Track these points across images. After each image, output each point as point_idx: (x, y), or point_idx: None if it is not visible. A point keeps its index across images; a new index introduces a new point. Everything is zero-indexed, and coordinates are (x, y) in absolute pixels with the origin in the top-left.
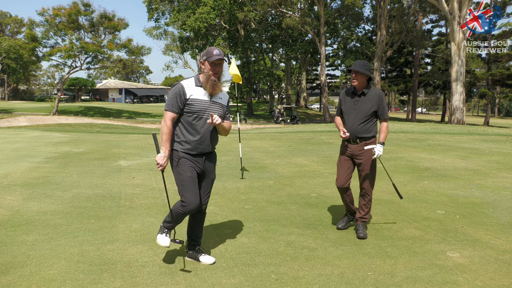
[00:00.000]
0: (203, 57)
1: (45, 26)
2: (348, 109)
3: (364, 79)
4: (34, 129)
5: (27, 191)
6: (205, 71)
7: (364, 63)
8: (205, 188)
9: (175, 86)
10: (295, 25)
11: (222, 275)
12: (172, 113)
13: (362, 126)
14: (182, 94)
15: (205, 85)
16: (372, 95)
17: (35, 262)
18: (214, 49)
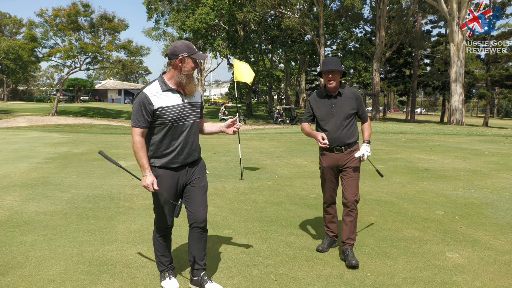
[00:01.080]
0: (183, 53)
1: (45, 26)
2: (325, 115)
3: (339, 77)
4: (33, 130)
5: (26, 191)
6: (185, 69)
7: (336, 59)
8: (198, 199)
9: (138, 97)
10: (294, 26)
11: (221, 276)
12: (140, 128)
13: (345, 131)
14: (148, 105)
15: (184, 85)
16: (349, 95)
17: (34, 262)
18: (191, 44)
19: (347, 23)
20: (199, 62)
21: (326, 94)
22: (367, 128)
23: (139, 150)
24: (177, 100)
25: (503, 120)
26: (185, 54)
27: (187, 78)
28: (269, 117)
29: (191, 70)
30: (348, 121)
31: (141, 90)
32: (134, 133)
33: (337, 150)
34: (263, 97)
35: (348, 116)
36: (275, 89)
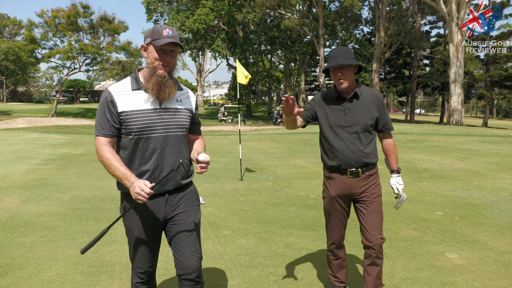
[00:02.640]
0: (147, 39)
1: (44, 27)
2: (335, 123)
3: (353, 73)
4: (33, 131)
5: (26, 193)
6: (148, 61)
7: (347, 50)
8: (184, 241)
9: (101, 96)
10: (293, 27)
11: (220, 277)
12: (105, 137)
13: (363, 147)
14: (112, 107)
15: (148, 85)
16: (369, 97)
17: (34, 264)
18: (165, 27)
19: (346, 24)
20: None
21: (338, 96)
22: (391, 149)
23: (111, 161)
24: (148, 103)
25: (502, 120)
26: (147, 40)
27: (151, 75)
28: (268, 118)
29: (155, 61)
30: (367, 134)
31: (106, 89)
32: (98, 143)
33: (352, 173)
34: (263, 98)
35: (367, 127)
36: (275, 90)
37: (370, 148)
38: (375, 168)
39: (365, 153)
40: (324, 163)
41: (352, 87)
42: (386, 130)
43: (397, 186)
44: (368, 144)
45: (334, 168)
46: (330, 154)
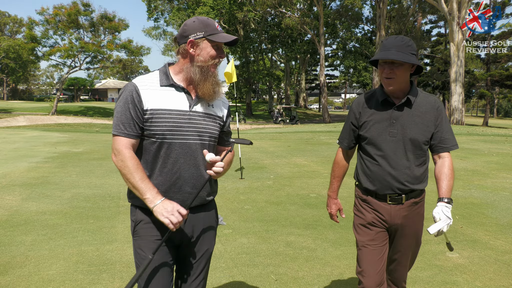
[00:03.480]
0: (197, 33)
1: (45, 25)
2: (377, 134)
3: (407, 74)
4: (33, 129)
5: (26, 191)
6: (199, 57)
7: (406, 43)
8: (196, 271)
9: (124, 89)
10: (294, 26)
11: (221, 276)
12: (126, 138)
13: (411, 168)
14: (138, 102)
15: (198, 83)
16: (425, 106)
17: (34, 262)
18: (213, 20)
19: (347, 23)
20: (221, 46)
21: (385, 100)
22: (447, 173)
23: (133, 169)
24: (181, 103)
25: (503, 120)
26: (199, 35)
27: (202, 73)
28: (269, 116)
29: (210, 60)
30: (418, 153)
31: (130, 82)
32: (119, 145)
33: (393, 199)
34: (263, 97)
35: (418, 144)
36: (275, 88)
37: (420, 170)
38: (422, 195)
39: (412, 176)
40: (358, 182)
41: (404, 91)
42: (442, 149)
43: (444, 225)
44: (418, 166)
45: (370, 191)
46: (367, 173)
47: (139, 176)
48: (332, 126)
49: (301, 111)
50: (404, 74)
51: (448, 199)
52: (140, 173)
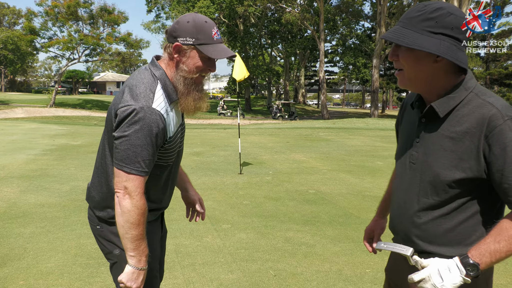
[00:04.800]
0: (187, 38)
1: (44, 17)
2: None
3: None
4: (31, 121)
5: (24, 183)
6: (184, 67)
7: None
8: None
9: (143, 117)
10: (294, 21)
11: (220, 271)
12: (144, 177)
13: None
14: (162, 136)
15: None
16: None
17: (32, 254)
18: (212, 25)
19: (347, 19)
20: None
21: (417, 100)
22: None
23: (142, 222)
24: (178, 117)
25: None
26: (189, 41)
27: (185, 85)
28: (268, 112)
29: (196, 72)
30: (441, 196)
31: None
32: (137, 187)
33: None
34: (262, 92)
35: (441, 185)
36: (274, 84)
37: (446, 224)
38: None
39: (422, 230)
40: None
41: (437, 94)
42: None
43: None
44: (441, 217)
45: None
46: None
47: (142, 231)
48: (331, 123)
49: (300, 107)
50: (418, 65)
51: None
52: (144, 228)
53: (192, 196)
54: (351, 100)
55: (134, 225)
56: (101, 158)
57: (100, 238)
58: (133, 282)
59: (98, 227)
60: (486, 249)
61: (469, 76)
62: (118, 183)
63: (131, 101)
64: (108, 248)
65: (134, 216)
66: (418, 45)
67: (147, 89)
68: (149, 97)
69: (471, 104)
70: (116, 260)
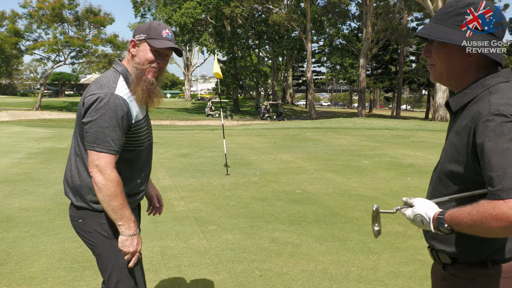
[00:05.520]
0: (140, 34)
1: (28, 19)
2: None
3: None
4: (16, 124)
5: (8, 187)
6: (136, 59)
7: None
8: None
9: (108, 102)
10: (281, 22)
11: (206, 272)
12: (114, 156)
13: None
14: (126, 118)
15: (136, 92)
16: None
17: (16, 259)
18: (164, 27)
19: (334, 19)
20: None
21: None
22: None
23: (120, 192)
24: (143, 109)
25: None
26: (141, 36)
27: (136, 75)
28: (256, 112)
29: (146, 63)
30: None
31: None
32: (107, 164)
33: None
34: (250, 93)
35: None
36: (262, 84)
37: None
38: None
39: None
40: None
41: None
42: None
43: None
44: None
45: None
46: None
47: (121, 200)
48: (319, 123)
49: (288, 107)
50: (449, 60)
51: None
52: (123, 197)
53: (150, 191)
54: (339, 100)
55: (112, 196)
56: (75, 148)
57: (83, 233)
58: (130, 247)
59: (80, 221)
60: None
61: (497, 74)
62: (90, 163)
63: (96, 90)
64: (93, 241)
65: (110, 189)
66: (448, 38)
67: (109, 81)
68: (112, 86)
69: (480, 101)
70: (101, 251)
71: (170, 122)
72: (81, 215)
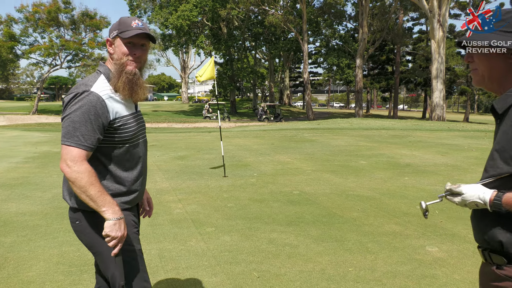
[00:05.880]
0: (112, 32)
1: (24, 23)
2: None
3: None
4: (13, 129)
5: (5, 192)
6: (115, 56)
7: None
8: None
9: (82, 98)
10: (277, 23)
11: (204, 274)
12: (85, 151)
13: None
14: (102, 114)
15: (117, 85)
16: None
17: (13, 264)
18: (133, 18)
19: (330, 20)
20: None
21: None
22: None
23: (94, 181)
24: (129, 107)
25: (483, 115)
26: (114, 33)
27: (117, 70)
28: (253, 114)
29: (124, 57)
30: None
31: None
32: (75, 157)
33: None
34: (247, 95)
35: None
36: (259, 86)
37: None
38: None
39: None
40: None
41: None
42: None
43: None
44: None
45: None
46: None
47: (98, 188)
48: (316, 124)
49: (285, 108)
50: (491, 63)
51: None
52: (99, 185)
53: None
54: (336, 100)
55: (87, 186)
56: None
57: (80, 234)
58: (117, 231)
59: (77, 222)
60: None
61: None
62: (61, 158)
63: (73, 89)
64: (90, 241)
65: (83, 180)
66: (489, 42)
67: (88, 80)
68: (89, 85)
69: None
70: (100, 251)
71: (167, 124)
72: (77, 217)
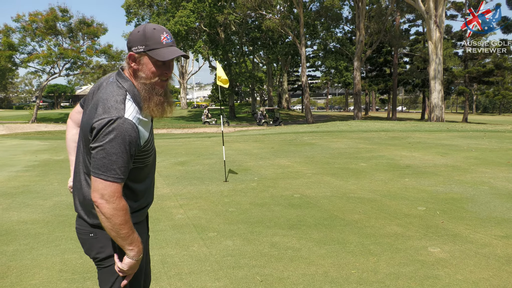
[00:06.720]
0: (138, 47)
1: (22, 32)
2: None
3: None
4: (13, 138)
5: (6, 201)
6: (142, 74)
7: None
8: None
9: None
10: (275, 27)
11: (207, 279)
12: (121, 184)
13: None
14: (135, 143)
15: (150, 107)
16: None
17: (16, 272)
18: (161, 30)
19: (327, 23)
20: (170, 64)
21: None
22: None
23: (128, 218)
24: (149, 126)
25: (481, 115)
26: (140, 49)
27: (146, 91)
28: (252, 118)
29: (153, 77)
30: None
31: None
32: (114, 193)
33: None
34: (246, 99)
35: None
36: (258, 90)
37: None
38: None
39: None
40: None
41: None
42: None
43: None
44: None
45: None
46: None
47: (130, 226)
48: (315, 127)
49: (284, 112)
50: None
51: None
52: (131, 223)
53: None
54: (335, 103)
55: (122, 225)
56: (84, 166)
57: (91, 246)
58: (134, 270)
59: (91, 235)
60: None
61: None
62: (94, 192)
63: (104, 114)
64: (101, 255)
65: (119, 218)
66: None
67: (117, 102)
68: (120, 108)
69: None
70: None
71: (167, 130)
72: (93, 230)
